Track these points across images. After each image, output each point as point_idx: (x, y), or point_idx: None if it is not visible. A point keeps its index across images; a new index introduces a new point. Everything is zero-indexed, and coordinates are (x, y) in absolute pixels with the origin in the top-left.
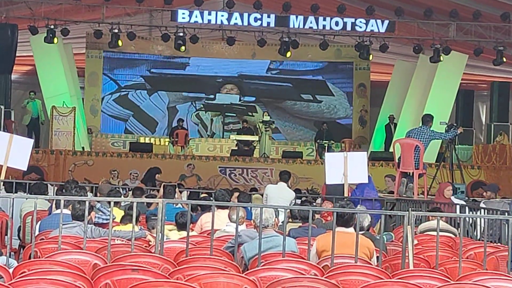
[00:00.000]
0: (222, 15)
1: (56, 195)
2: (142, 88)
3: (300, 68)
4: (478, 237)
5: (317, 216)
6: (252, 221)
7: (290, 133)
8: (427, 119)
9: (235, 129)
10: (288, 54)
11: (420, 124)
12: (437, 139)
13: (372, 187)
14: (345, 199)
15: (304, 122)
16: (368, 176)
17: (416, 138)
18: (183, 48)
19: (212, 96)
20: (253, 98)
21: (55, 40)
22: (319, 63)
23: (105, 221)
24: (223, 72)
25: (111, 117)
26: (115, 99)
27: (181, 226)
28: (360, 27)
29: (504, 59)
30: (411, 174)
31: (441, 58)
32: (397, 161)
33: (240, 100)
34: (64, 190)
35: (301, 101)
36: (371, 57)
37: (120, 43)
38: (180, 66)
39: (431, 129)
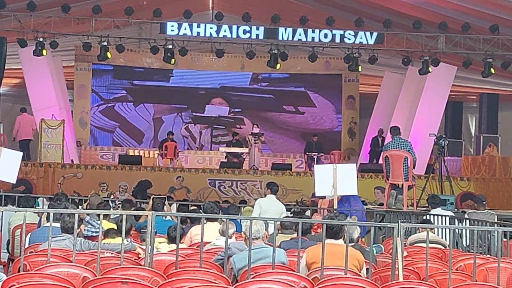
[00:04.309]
0: (211, 28)
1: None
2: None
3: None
4: (464, 247)
5: None
6: (242, 233)
7: (278, 145)
8: (397, 130)
9: (224, 141)
10: (277, 66)
11: (399, 136)
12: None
13: (357, 198)
14: (334, 211)
15: (291, 134)
16: None
17: (400, 148)
18: (172, 60)
19: (198, 108)
20: (239, 110)
21: (44, 52)
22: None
23: (94, 234)
24: (205, 84)
25: (98, 129)
26: (102, 111)
27: (173, 240)
28: (349, 39)
29: (493, 71)
30: (400, 186)
31: (430, 70)
32: (386, 173)
33: (230, 112)
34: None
35: (285, 112)
36: (360, 69)
37: (109, 55)
38: (163, 78)
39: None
